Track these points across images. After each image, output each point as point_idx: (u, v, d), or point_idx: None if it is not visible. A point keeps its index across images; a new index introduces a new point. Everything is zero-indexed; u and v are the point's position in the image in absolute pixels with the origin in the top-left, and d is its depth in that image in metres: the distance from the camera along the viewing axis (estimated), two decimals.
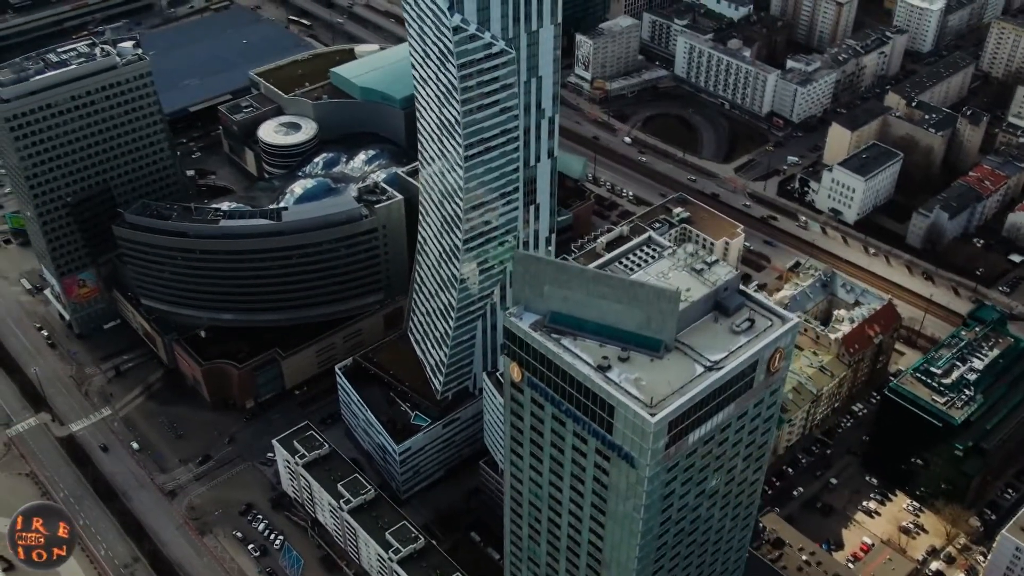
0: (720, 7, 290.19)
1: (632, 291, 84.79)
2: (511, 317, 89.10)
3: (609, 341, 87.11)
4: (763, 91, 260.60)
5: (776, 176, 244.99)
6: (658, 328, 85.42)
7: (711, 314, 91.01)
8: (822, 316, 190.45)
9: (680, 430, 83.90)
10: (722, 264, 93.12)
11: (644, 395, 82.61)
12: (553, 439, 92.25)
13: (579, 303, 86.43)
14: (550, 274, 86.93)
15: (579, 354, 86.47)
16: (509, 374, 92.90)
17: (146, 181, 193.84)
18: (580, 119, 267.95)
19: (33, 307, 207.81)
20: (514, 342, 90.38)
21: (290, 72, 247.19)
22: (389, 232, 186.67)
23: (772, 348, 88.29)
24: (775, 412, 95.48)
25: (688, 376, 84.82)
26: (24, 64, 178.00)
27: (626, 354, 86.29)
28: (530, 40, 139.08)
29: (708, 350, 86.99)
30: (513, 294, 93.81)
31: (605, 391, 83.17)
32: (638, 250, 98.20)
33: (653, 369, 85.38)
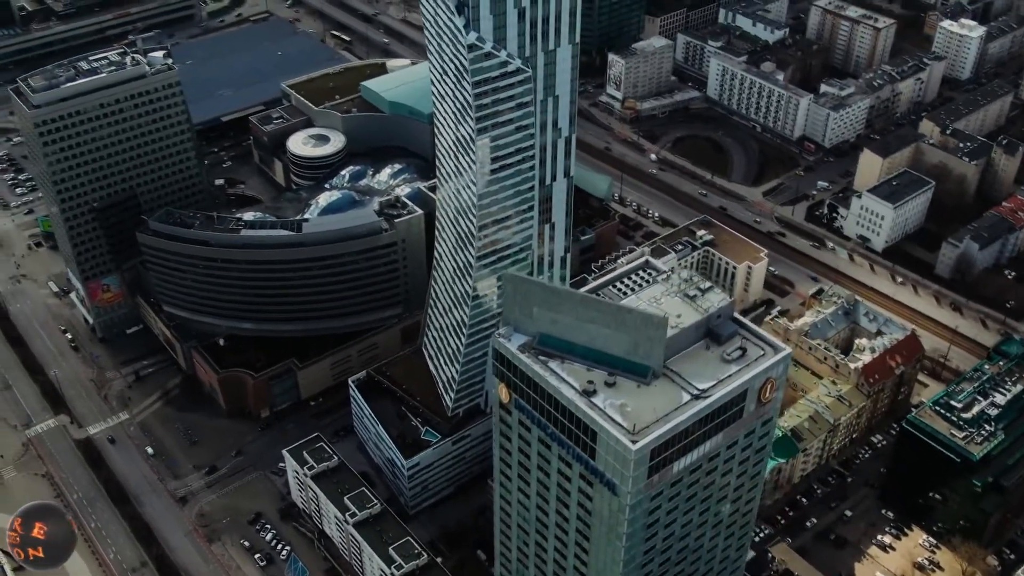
0: (756, 30, 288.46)
1: (620, 316, 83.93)
2: (500, 338, 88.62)
3: (597, 365, 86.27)
4: (795, 115, 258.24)
5: (805, 201, 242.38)
6: (645, 354, 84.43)
7: (703, 341, 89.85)
8: (843, 344, 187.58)
9: (664, 458, 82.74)
10: (716, 291, 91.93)
11: (628, 422, 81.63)
12: (540, 462, 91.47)
13: (568, 326, 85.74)
14: (540, 296, 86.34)
15: (565, 378, 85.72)
16: (498, 395, 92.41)
17: (172, 189, 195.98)
18: (610, 138, 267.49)
19: (59, 310, 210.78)
20: (502, 363, 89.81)
21: (321, 85, 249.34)
22: (408, 247, 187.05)
23: (763, 378, 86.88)
24: (768, 443, 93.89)
25: (674, 404, 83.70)
26: (55, 71, 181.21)
27: (613, 379, 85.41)
28: (547, 59, 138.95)
29: (696, 378, 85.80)
30: (503, 315, 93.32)
31: (588, 416, 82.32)
32: (634, 274, 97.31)
33: (639, 395, 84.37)
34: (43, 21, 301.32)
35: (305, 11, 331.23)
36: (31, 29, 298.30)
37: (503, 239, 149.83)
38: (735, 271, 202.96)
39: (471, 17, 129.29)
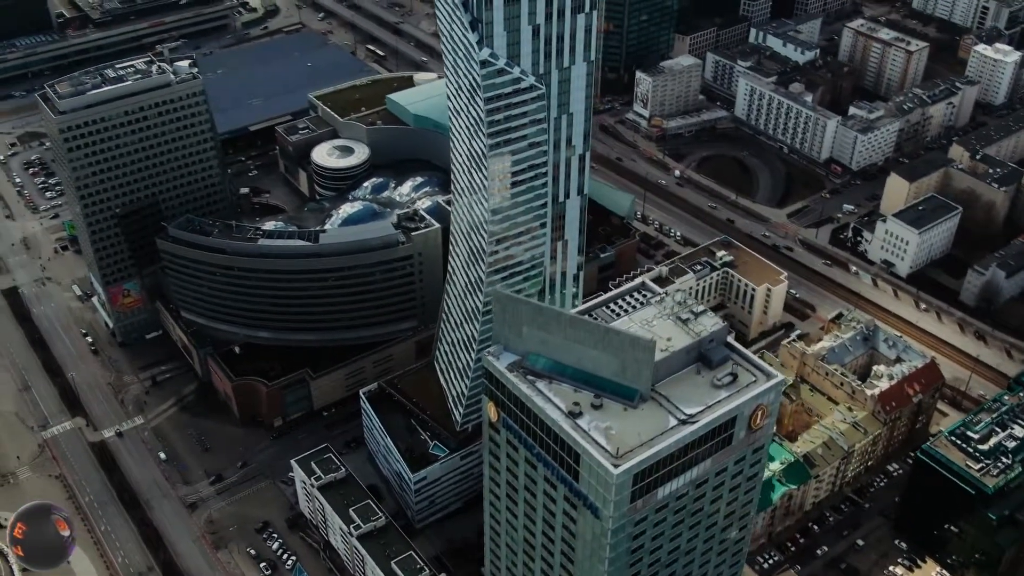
0: (786, 50, 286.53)
1: (607, 338, 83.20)
2: (488, 356, 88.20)
3: (584, 387, 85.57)
4: (822, 137, 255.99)
5: (830, 224, 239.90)
6: (633, 377, 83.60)
7: (694, 365, 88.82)
8: (861, 370, 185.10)
9: (648, 483, 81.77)
10: (709, 315, 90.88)
11: (611, 445, 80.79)
12: (526, 482, 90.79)
13: (557, 346, 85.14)
14: (528, 316, 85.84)
15: (552, 398, 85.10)
16: (486, 413, 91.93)
17: (194, 197, 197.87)
18: (635, 156, 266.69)
19: (81, 313, 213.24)
20: (491, 382, 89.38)
21: (348, 96, 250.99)
22: (425, 260, 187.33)
23: (753, 405, 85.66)
24: (759, 471, 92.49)
25: (660, 428, 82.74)
26: (82, 79, 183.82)
27: (599, 401, 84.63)
28: (562, 76, 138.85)
29: (685, 402, 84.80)
30: (493, 333, 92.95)
31: (572, 438, 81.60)
32: (630, 295, 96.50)
33: (625, 418, 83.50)
34: (80, 28, 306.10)
35: (337, 23, 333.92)
36: (67, 36, 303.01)
37: (515, 255, 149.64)
38: (754, 293, 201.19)
39: (485, 33, 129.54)
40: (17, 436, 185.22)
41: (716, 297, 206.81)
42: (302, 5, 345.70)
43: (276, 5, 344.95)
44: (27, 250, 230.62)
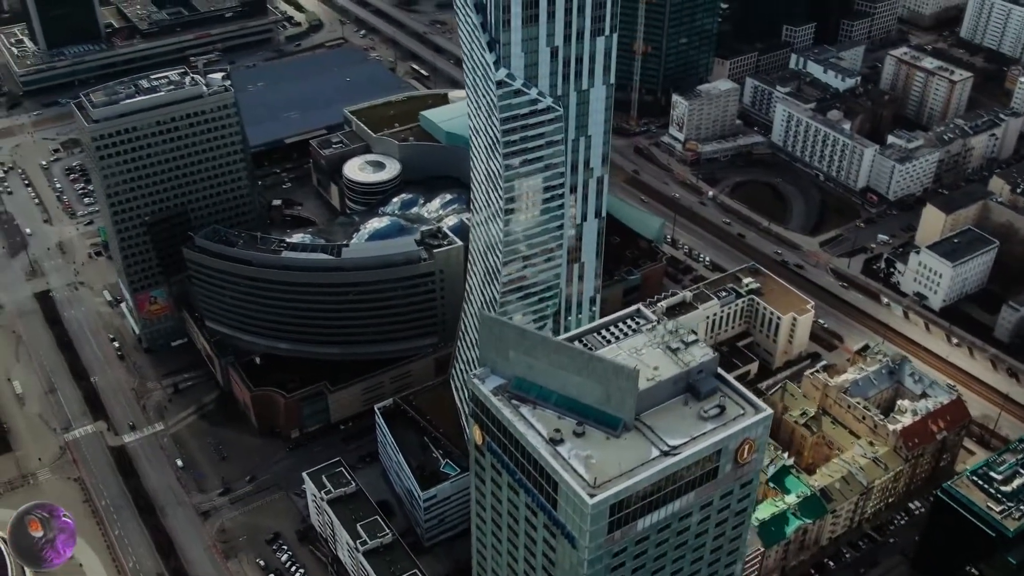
0: (826, 77, 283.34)
1: (591, 365, 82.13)
2: (474, 379, 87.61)
3: (568, 414, 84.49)
4: (859, 165, 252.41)
5: (863, 254, 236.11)
6: (617, 406, 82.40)
7: (682, 396, 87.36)
8: (886, 404, 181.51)
9: (627, 514, 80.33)
10: (700, 345, 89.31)
11: (590, 474, 79.58)
12: (509, 508, 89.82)
13: (542, 372, 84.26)
14: (514, 339, 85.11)
15: (534, 424, 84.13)
16: (472, 436, 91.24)
17: (222, 207, 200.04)
18: (668, 179, 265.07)
19: (110, 318, 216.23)
20: (477, 405, 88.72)
21: (382, 112, 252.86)
22: (447, 277, 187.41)
23: (739, 438, 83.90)
24: (748, 505, 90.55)
25: (641, 459, 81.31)
26: (116, 88, 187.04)
27: (582, 429, 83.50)
28: (580, 99, 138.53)
29: (669, 433, 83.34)
30: (480, 356, 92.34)
31: (551, 465, 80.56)
32: (623, 321, 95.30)
33: (607, 447, 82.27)
34: (127, 38, 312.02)
35: (379, 39, 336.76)
36: (115, 45, 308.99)
37: (530, 276, 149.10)
38: (779, 322, 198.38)
39: (502, 54, 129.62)
40: (40, 437, 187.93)
41: (741, 324, 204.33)
42: (345, 21, 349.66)
43: (320, 20, 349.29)
44: (62, 254, 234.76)
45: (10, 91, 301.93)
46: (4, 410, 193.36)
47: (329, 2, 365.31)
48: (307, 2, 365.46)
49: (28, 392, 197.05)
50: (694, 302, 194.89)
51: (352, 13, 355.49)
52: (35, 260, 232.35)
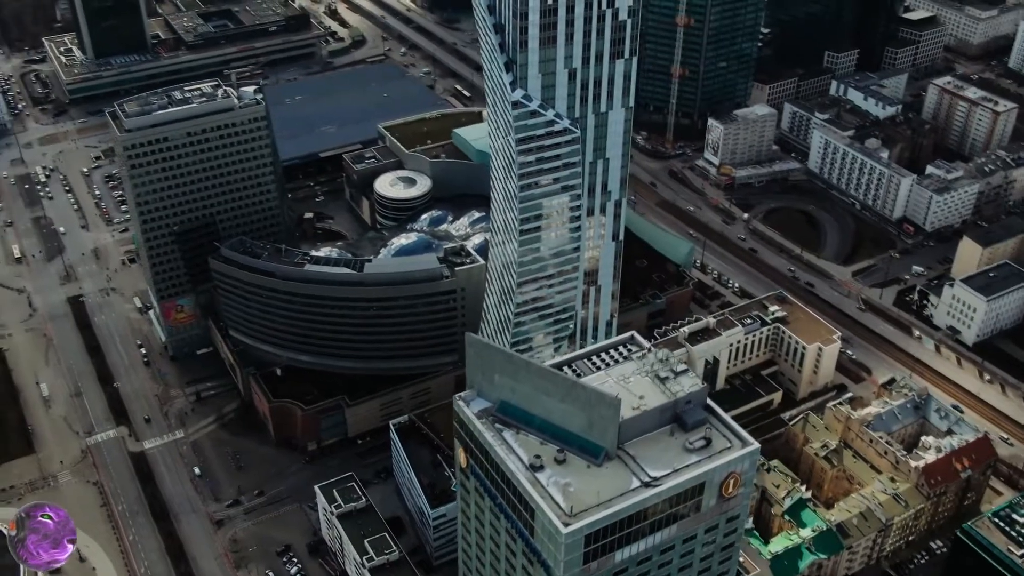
0: (867, 104, 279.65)
1: (574, 392, 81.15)
2: (459, 401, 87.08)
3: (551, 440, 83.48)
4: (896, 195, 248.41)
5: (896, 285, 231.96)
6: (599, 434, 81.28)
7: (669, 426, 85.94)
8: (910, 440, 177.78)
9: (603, 545, 79.00)
10: (690, 375, 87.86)
11: (567, 502, 78.47)
12: (491, 532, 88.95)
13: (527, 396, 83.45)
14: (500, 363, 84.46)
15: (516, 449, 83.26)
16: (458, 459, 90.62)
17: (250, 219, 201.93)
18: (701, 203, 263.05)
19: (139, 325, 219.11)
20: (461, 427, 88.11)
21: (416, 128, 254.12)
22: (468, 295, 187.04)
23: (724, 472, 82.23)
24: (735, 540, 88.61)
25: (620, 489, 79.99)
26: (149, 99, 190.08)
27: (563, 456, 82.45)
28: (598, 121, 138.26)
29: (651, 464, 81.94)
30: (467, 378, 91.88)
31: (528, 492, 79.60)
32: (615, 348, 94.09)
33: (587, 476, 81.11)
34: (172, 49, 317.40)
35: (420, 56, 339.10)
36: (161, 56, 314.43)
37: (545, 297, 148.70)
38: (804, 351, 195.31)
39: (519, 75, 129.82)
40: (63, 440, 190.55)
41: (766, 353, 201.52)
42: (388, 37, 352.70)
43: (363, 36, 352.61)
44: (96, 260, 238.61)
45: (57, 99, 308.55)
46: (30, 412, 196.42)
47: (373, 18, 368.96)
48: (351, 18, 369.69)
49: (55, 395, 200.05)
50: (717, 328, 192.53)
51: (395, 30, 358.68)
52: (70, 265, 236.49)
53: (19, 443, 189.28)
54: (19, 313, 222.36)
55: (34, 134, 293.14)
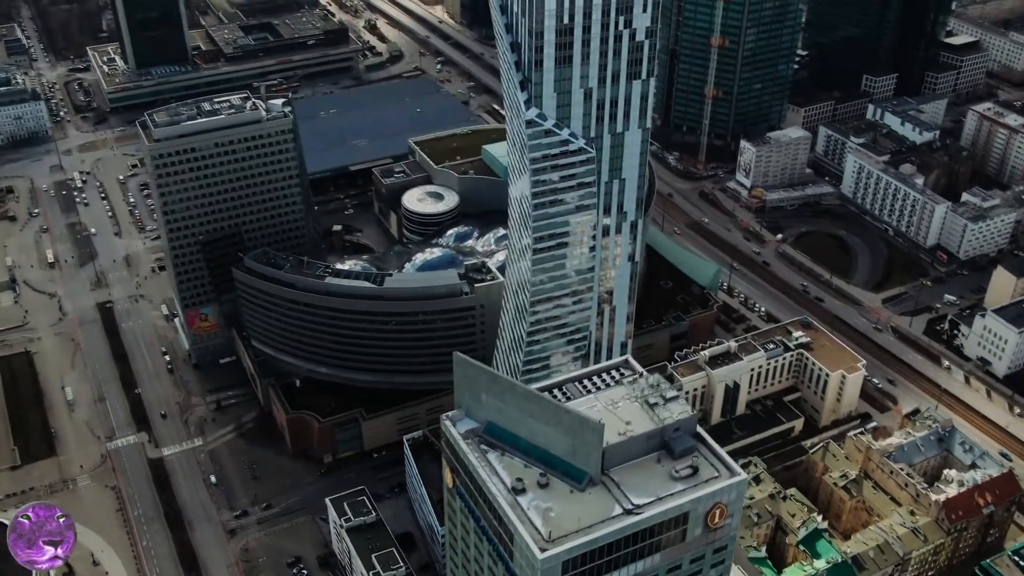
0: (903, 129, 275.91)
1: (558, 415, 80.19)
2: (446, 421, 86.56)
3: (536, 463, 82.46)
4: (930, 222, 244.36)
5: (927, 313, 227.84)
6: (583, 459, 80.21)
7: (656, 453, 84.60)
8: (932, 473, 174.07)
9: (581, 572, 77.73)
10: (680, 402, 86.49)
11: (546, 527, 77.40)
12: (475, 555, 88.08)
13: (512, 418, 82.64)
14: (486, 383, 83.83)
15: (499, 471, 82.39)
16: (445, 479, 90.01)
17: (275, 230, 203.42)
18: (731, 225, 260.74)
19: (165, 332, 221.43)
20: (448, 447, 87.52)
21: (446, 144, 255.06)
22: (487, 312, 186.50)
23: (710, 502, 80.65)
24: (723, 572, 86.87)
25: (602, 515, 78.73)
26: (179, 109, 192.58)
27: (546, 480, 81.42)
28: (614, 141, 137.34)
29: (635, 491, 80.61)
30: (455, 398, 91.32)
31: (508, 515, 78.67)
32: (607, 372, 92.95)
33: (569, 501, 79.98)
34: (211, 61, 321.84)
35: (456, 72, 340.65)
36: (200, 68, 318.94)
37: (558, 317, 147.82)
38: (828, 379, 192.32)
39: (534, 93, 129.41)
40: (84, 445, 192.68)
41: (789, 379, 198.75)
42: (425, 53, 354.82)
43: (401, 51, 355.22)
44: (127, 267, 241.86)
45: (98, 107, 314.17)
46: (54, 415, 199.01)
47: (411, 34, 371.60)
48: (390, 33, 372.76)
49: (79, 399, 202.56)
50: (739, 353, 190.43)
51: (432, 45, 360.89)
52: (101, 271, 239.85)
53: (41, 446, 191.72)
54: (49, 317, 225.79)
55: (74, 141, 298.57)
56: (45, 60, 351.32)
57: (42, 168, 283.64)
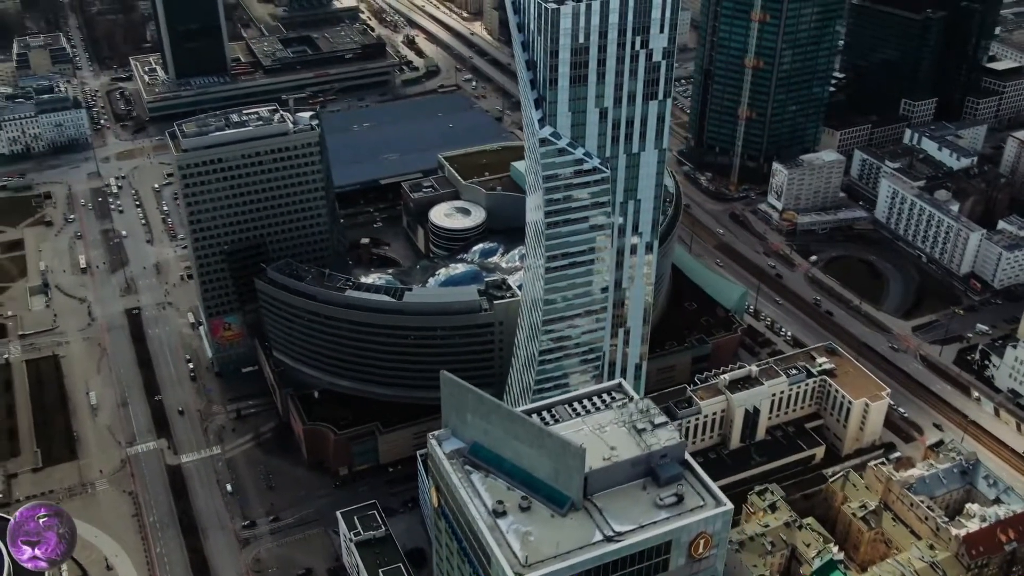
0: (940, 155, 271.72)
1: (541, 438, 79.28)
2: (432, 440, 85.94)
3: (519, 486, 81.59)
4: (964, 249, 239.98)
5: (957, 343, 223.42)
6: (565, 483, 79.15)
7: (642, 480, 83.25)
8: (955, 506, 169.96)
9: None
10: (669, 428, 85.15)
11: (523, 552, 76.41)
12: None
13: (498, 439, 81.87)
14: (472, 403, 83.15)
15: (481, 493, 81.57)
16: (431, 498, 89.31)
17: (299, 242, 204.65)
18: (760, 248, 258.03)
19: (190, 340, 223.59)
20: (434, 466, 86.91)
21: (475, 160, 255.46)
22: (506, 329, 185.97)
23: (693, 532, 79.16)
24: None
25: (581, 542, 77.58)
26: (207, 120, 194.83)
27: (527, 503, 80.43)
28: (630, 162, 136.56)
29: (617, 518, 79.34)
30: (443, 417, 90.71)
31: (486, 538, 77.79)
32: (599, 395, 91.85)
33: (549, 525, 78.93)
34: (249, 73, 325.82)
35: (491, 88, 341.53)
36: (238, 79, 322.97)
37: (571, 336, 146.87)
38: (851, 406, 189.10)
39: (548, 112, 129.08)
40: (105, 450, 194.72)
41: (811, 406, 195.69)
42: (462, 69, 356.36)
43: (438, 66, 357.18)
44: (157, 274, 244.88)
45: (138, 116, 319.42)
46: (77, 419, 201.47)
47: (449, 49, 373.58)
48: (428, 49, 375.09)
49: (102, 404, 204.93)
50: (760, 377, 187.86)
51: (469, 61, 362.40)
52: (131, 278, 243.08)
53: (63, 449, 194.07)
54: (78, 322, 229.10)
55: (113, 149, 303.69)
56: (89, 69, 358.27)
57: (80, 175, 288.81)
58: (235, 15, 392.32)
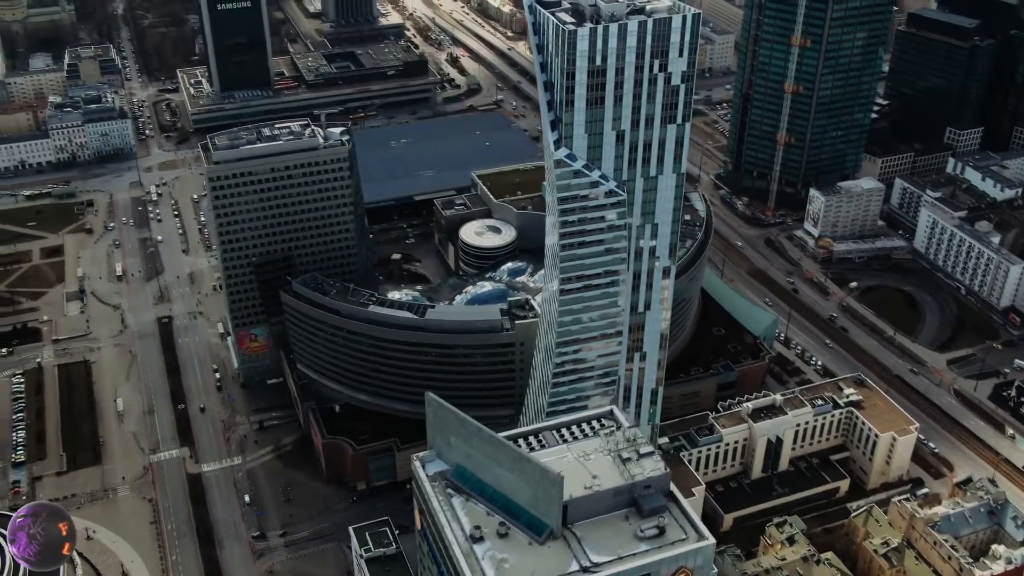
0: (984, 185, 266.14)
1: (520, 464, 78.18)
2: (416, 461, 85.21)
3: (498, 511, 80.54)
4: (1004, 282, 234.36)
5: (994, 378, 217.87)
6: (543, 510, 77.90)
7: (625, 510, 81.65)
8: (980, 547, 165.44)
9: None
10: (655, 459, 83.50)
11: None
12: None
13: (480, 463, 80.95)
14: (455, 426, 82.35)
15: (460, 517, 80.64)
16: (416, 520, 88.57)
17: (327, 256, 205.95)
18: (794, 275, 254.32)
19: (218, 350, 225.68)
20: (416, 488, 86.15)
21: (508, 179, 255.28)
22: (527, 349, 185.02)
23: (673, 566, 77.35)
24: None
25: (556, 571, 76.18)
26: (239, 133, 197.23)
27: (506, 530, 79.28)
28: (647, 185, 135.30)
29: (596, 549, 77.84)
30: (428, 439, 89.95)
31: (461, 564, 76.77)
32: (588, 422, 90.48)
33: (526, 553, 77.67)
34: (292, 87, 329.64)
35: (531, 106, 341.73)
36: (282, 93, 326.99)
37: (585, 359, 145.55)
38: (877, 440, 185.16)
39: (564, 134, 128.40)
40: (129, 456, 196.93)
41: (837, 437, 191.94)
42: (503, 87, 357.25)
43: (479, 84, 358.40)
44: (191, 284, 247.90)
45: (182, 127, 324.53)
46: (104, 425, 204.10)
47: (491, 68, 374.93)
48: (471, 67, 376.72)
49: (128, 410, 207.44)
50: (784, 407, 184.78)
51: (511, 80, 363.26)
52: (165, 286, 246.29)
53: (88, 454, 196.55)
54: (111, 328, 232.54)
55: (156, 159, 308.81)
56: (138, 80, 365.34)
57: (122, 184, 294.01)
58: (283, 30, 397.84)
